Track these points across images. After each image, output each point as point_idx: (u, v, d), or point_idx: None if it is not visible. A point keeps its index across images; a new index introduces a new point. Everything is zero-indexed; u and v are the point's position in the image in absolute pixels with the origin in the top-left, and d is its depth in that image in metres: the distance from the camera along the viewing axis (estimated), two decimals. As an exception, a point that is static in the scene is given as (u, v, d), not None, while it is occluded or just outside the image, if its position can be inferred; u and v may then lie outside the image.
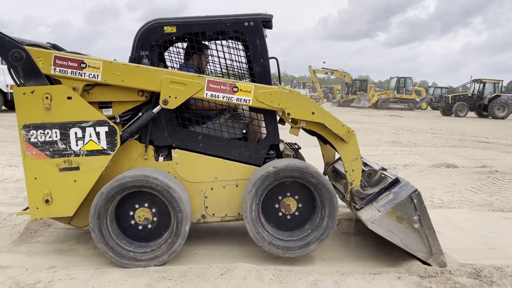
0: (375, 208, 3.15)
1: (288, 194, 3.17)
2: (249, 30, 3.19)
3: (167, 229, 3.05)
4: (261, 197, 3.07)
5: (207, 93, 3.06)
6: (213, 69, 3.88)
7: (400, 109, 30.06)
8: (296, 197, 3.17)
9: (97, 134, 2.98)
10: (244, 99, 3.10)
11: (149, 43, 3.13)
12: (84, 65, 2.95)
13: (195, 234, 3.43)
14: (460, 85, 30.12)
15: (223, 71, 3.76)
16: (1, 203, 4.51)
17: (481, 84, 25.32)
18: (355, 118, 19.24)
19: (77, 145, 2.98)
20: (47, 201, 2.97)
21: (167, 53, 3.69)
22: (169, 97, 3.03)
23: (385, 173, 3.47)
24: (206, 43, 3.64)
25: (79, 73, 2.96)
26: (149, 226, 3.07)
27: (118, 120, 3.13)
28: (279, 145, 3.43)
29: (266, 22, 3.22)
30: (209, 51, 3.61)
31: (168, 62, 3.74)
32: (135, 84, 3.02)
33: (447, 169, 7.06)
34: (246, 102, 3.11)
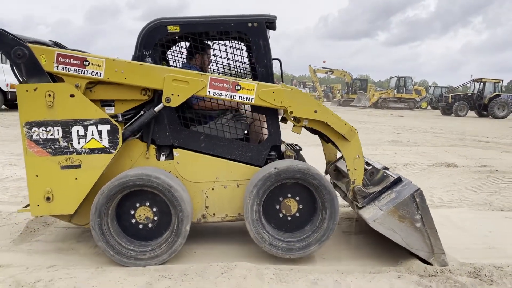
0: (377, 207, 3.15)
1: (289, 195, 3.16)
2: (253, 31, 3.19)
3: (168, 229, 3.06)
4: (262, 197, 3.07)
5: (209, 91, 3.06)
6: (215, 69, 3.88)
7: (400, 108, 30.04)
8: (297, 198, 3.17)
9: (99, 132, 2.98)
10: (247, 97, 3.09)
11: (153, 42, 3.13)
12: (87, 63, 2.95)
13: (195, 233, 3.43)
14: (460, 85, 30.16)
15: (225, 71, 3.75)
16: (1, 202, 4.51)
17: (481, 84, 25.30)
18: (355, 117, 19.25)
19: (79, 143, 2.98)
20: (48, 198, 2.97)
21: (169, 53, 3.69)
22: (172, 95, 3.03)
23: (387, 172, 3.47)
24: (209, 43, 3.63)
25: (82, 70, 2.96)
26: (149, 225, 3.07)
27: (120, 119, 3.13)
28: (281, 146, 3.43)
29: (270, 23, 3.22)
30: (211, 51, 3.61)
31: (170, 62, 3.74)
32: (138, 82, 3.02)
33: (447, 168, 7.06)
34: (249, 100, 3.10)
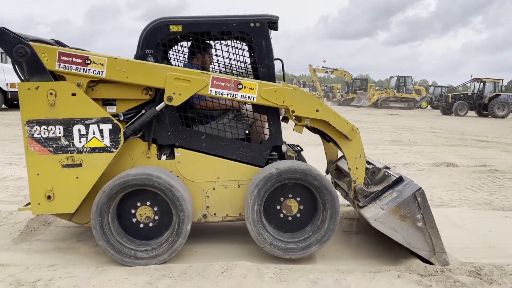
0: (379, 206, 3.15)
1: (290, 195, 3.16)
2: (255, 31, 3.19)
3: (169, 228, 3.06)
4: (263, 198, 3.07)
5: (211, 90, 3.06)
6: (217, 69, 3.87)
7: (400, 108, 30.02)
8: (298, 198, 3.17)
9: (101, 131, 2.98)
10: (249, 96, 3.09)
11: (155, 41, 3.13)
12: (88, 61, 2.95)
13: (195, 233, 3.43)
14: (460, 84, 30.06)
15: (227, 71, 3.75)
16: (1, 201, 4.51)
17: (481, 83, 25.28)
18: (355, 117, 19.24)
19: (80, 142, 2.98)
20: (49, 197, 2.97)
21: (171, 52, 3.69)
22: (174, 93, 3.03)
23: (389, 171, 3.47)
24: (211, 42, 3.63)
25: (84, 69, 2.96)
26: (150, 225, 3.07)
27: (121, 118, 3.12)
28: (282, 146, 3.43)
29: (272, 23, 3.22)
30: (213, 50, 3.61)
31: (172, 61, 3.74)
32: (140, 81, 3.02)
33: (447, 168, 7.07)
34: (251, 99, 3.10)
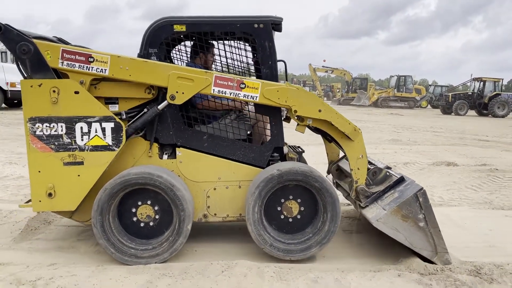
0: (380, 207, 3.14)
1: (291, 197, 3.16)
2: (259, 32, 3.19)
3: (169, 227, 3.06)
4: (264, 199, 3.07)
5: (214, 89, 3.05)
6: (219, 69, 3.87)
7: (400, 107, 30.02)
8: (299, 200, 3.17)
9: (103, 129, 2.98)
10: (251, 96, 3.09)
11: (158, 41, 3.13)
12: (91, 59, 2.95)
13: (196, 232, 3.43)
14: (460, 84, 30.02)
15: (230, 71, 3.75)
16: (1, 200, 4.51)
17: (481, 83, 25.27)
18: (355, 116, 19.24)
19: (82, 140, 2.98)
20: (50, 194, 2.98)
21: (174, 51, 3.68)
22: (177, 92, 3.03)
23: (390, 172, 3.47)
24: (213, 42, 3.63)
25: (87, 67, 2.95)
26: (151, 224, 3.07)
27: (124, 117, 3.12)
28: (283, 147, 3.43)
29: (276, 24, 3.22)
30: (216, 50, 3.61)
31: (174, 60, 3.74)
32: (143, 79, 3.02)
33: (447, 167, 7.06)
34: (253, 98, 3.10)
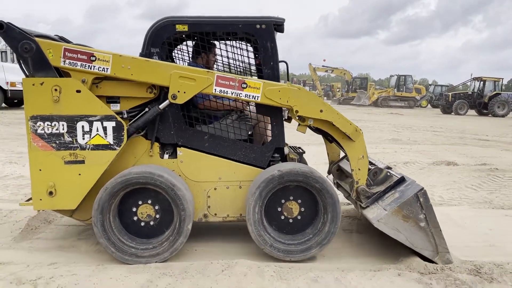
0: (381, 207, 3.14)
1: (291, 198, 3.17)
2: (261, 33, 3.19)
3: (170, 227, 3.06)
4: (265, 199, 3.08)
5: (216, 89, 3.06)
6: (221, 69, 3.87)
7: (400, 107, 30.02)
8: (299, 201, 3.17)
9: (104, 128, 2.99)
10: (253, 96, 3.09)
11: (161, 40, 3.13)
12: (93, 58, 2.95)
13: (196, 231, 3.43)
14: (460, 83, 30.00)
15: (231, 71, 3.74)
16: (1, 199, 4.51)
17: (481, 82, 25.26)
18: (355, 116, 19.24)
19: (83, 138, 2.98)
20: (50, 193, 2.98)
21: (175, 51, 3.68)
22: (178, 91, 3.03)
23: (391, 172, 3.47)
24: (215, 42, 3.62)
25: (89, 66, 2.96)
26: (151, 223, 3.07)
27: (125, 116, 3.12)
28: (284, 148, 3.43)
29: (278, 25, 3.22)
30: (218, 50, 3.61)
31: (176, 60, 3.73)
32: (144, 78, 3.02)
33: (447, 166, 7.07)
34: (255, 98, 3.10)
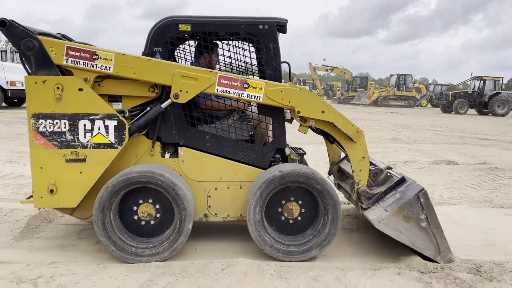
0: (382, 208, 3.14)
1: (292, 198, 3.17)
2: (263, 34, 3.19)
3: (170, 226, 3.06)
4: (265, 200, 3.07)
5: (218, 89, 3.06)
6: (223, 69, 3.87)
7: (400, 106, 30.04)
8: (300, 202, 3.17)
9: (106, 127, 2.99)
10: (255, 96, 3.09)
11: (163, 40, 3.13)
12: (96, 57, 2.95)
13: (196, 230, 3.43)
14: (460, 82, 29.99)
15: (234, 71, 3.74)
16: (2, 199, 4.51)
17: (482, 81, 25.29)
18: (355, 115, 19.24)
19: (85, 137, 2.98)
20: (51, 191, 2.98)
21: (178, 50, 3.68)
22: (180, 91, 3.03)
23: (391, 172, 3.46)
24: (218, 42, 3.62)
25: (91, 64, 2.95)
26: (152, 222, 3.08)
27: (127, 115, 3.11)
28: (285, 149, 3.43)
29: (281, 26, 3.22)
30: (220, 50, 3.60)
31: (178, 60, 3.73)
32: (147, 77, 3.02)
33: (447, 166, 7.07)
34: (257, 98, 3.09)
